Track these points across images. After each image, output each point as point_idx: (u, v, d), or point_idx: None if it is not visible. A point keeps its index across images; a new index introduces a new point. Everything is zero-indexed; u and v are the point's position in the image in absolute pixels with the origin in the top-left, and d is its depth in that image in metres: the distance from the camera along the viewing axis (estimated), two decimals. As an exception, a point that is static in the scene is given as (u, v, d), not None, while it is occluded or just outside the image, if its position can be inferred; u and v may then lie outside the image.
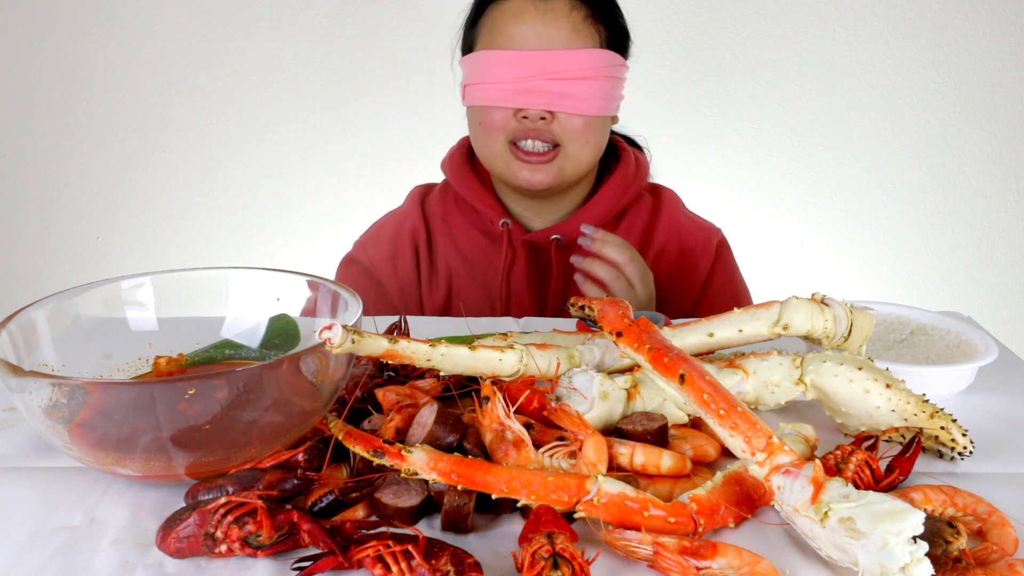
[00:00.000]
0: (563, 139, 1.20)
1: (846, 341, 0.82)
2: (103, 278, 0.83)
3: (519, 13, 1.17)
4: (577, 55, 1.15)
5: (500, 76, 1.17)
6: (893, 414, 0.76)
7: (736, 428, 0.64)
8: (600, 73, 1.17)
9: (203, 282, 0.87)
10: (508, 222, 1.30)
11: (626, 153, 1.35)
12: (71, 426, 0.65)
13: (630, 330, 0.76)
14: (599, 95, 1.18)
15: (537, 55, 1.15)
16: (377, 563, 0.58)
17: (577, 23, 1.17)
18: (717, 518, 0.64)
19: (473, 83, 1.21)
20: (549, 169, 1.21)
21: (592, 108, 1.18)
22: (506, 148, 1.21)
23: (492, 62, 1.17)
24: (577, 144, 1.21)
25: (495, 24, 1.19)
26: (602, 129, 1.24)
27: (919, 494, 0.67)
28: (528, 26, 1.16)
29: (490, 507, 0.66)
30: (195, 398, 0.63)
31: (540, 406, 0.75)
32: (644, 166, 1.37)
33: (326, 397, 0.72)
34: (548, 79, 1.15)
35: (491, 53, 1.18)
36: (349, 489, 0.65)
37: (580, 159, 1.23)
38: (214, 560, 0.62)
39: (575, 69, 1.15)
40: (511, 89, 1.16)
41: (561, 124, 1.19)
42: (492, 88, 1.17)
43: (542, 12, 1.16)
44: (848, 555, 0.57)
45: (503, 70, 1.16)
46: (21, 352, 0.73)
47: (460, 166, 1.33)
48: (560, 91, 1.15)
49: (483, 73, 1.19)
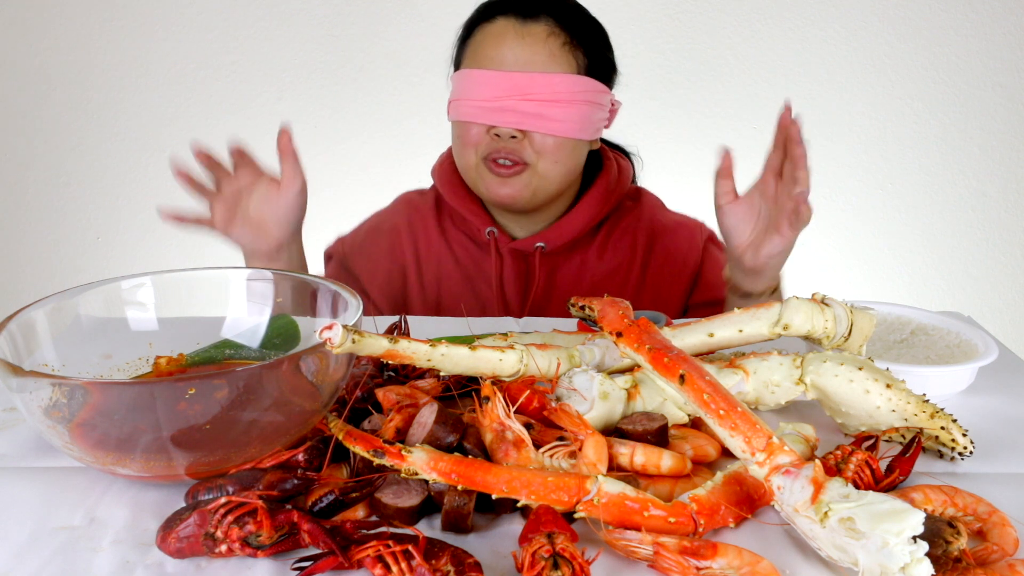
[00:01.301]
0: (533, 158, 1.24)
1: (846, 341, 0.82)
2: (103, 278, 0.83)
3: (500, 36, 1.22)
4: (552, 79, 1.20)
5: (478, 94, 1.22)
6: (893, 414, 0.76)
7: (736, 428, 0.64)
8: (575, 97, 1.21)
9: (203, 282, 0.87)
10: (494, 230, 1.34)
11: (609, 162, 1.38)
12: (71, 426, 0.65)
13: (630, 330, 0.76)
14: (573, 118, 1.22)
15: (513, 76, 1.20)
16: (377, 563, 0.58)
17: (554, 49, 1.21)
18: (717, 518, 0.64)
19: (455, 99, 1.26)
20: (515, 183, 1.25)
21: (564, 130, 1.22)
22: (480, 163, 1.26)
23: (472, 80, 1.22)
24: (547, 163, 1.24)
25: (479, 45, 1.24)
26: (575, 151, 1.27)
27: (919, 494, 0.67)
28: (507, 48, 1.21)
29: (490, 507, 0.66)
30: (195, 398, 0.62)
31: (540, 406, 0.75)
32: (626, 173, 1.40)
33: (326, 397, 0.72)
34: (522, 99, 1.20)
35: (472, 72, 1.23)
36: (349, 489, 0.65)
37: (549, 178, 1.26)
38: (214, 560, 0.62)
39: (549, 92, 1.20)
40: (486, 107, 1.21)
41: (533, 143, 1.23)
42: (470, 105, 1.22)
43: (521, 36, 1.21)
44: (848, 555, 0.57)
45: (481, 88, 1.21)
46: (21, 352, 0.73)
47: (449, 175, 1.37)
48: (533, 111, 1.20)
49: (464, 90, 1.24)
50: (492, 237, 1.34)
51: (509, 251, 1.35)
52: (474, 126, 1.23)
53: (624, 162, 1.41)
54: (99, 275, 0.91)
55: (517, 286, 1.36)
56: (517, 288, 1.36)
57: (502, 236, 1.35)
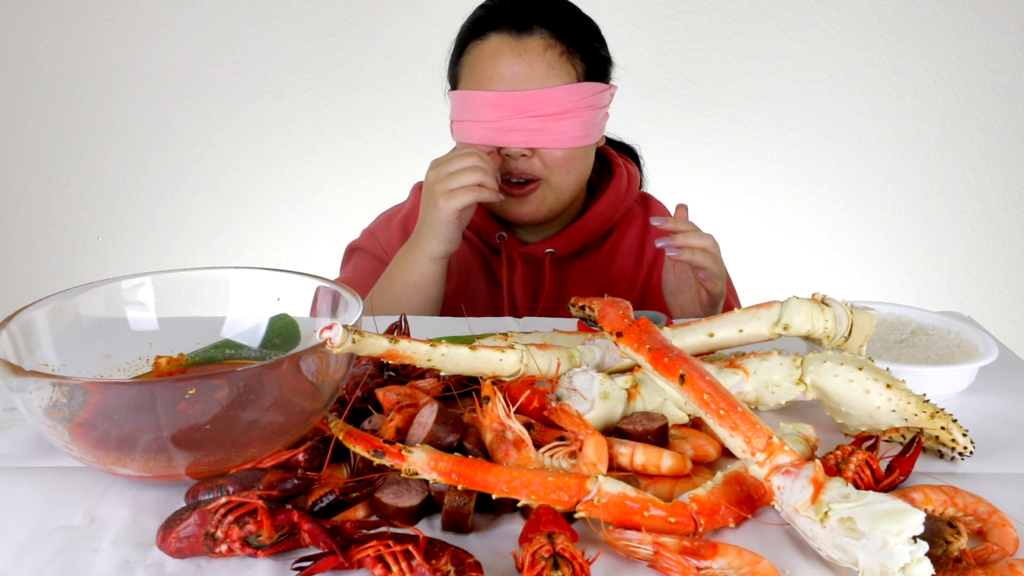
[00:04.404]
0: (544, 173, 1.24)
1: (846, 341, 0.82)
2: (103, 278, 0.83)
3: (495, 53, 1.20)
4: (554, 92, 1.19)
5: (481, 115, 1.21)
6: (893, 414, 0.76)
7: (736, 428, 0.64)
8: (579, 105, 1.21)
9: (203, 282, 0.87)
10: (504, 235, 1.34)
11: (619, 169, 1.38)
12: (71, 426, 0.65)
13: (630, 330, 0.76)
14: (579, 127, 1.21)
15: (515, 95, 1.18)
16: (377, 563, 0.58)
17: (552, 61, 1.20)
18: (717, 518, 0.64)
19: (458, 120, 1.25)
20: (532, 201, 1.25)
21: (572, 140, 1.21)
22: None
23: (474, 102, 1.21)
24: (559, 176, 1.24)
25: (475, 64, 1.23)
26: (584, 158, 1.27)
27: (919, 494, 0.67)
28: (505, 66, 1.19)
29: (490, 507, 0.66)
30: (195, 398, 0.63)
31: (540, 406, 0.75)
32: (635, 179, 1.40)
33: (326, 397, 0.72)
34: (527, 117, 1.19)
35: (473, 93, 1.22)
36: (349, 489, 0.65)
37: (563, 189, 1.26)
38: (214, 560, 0.62)
39: (553, 106, 1.19)
40: (492, 128, 1.20)
41: (543, 158, 1.23)
42: (475, 127, 1.22)
43: (517, 52, 1.19)
44: (848, 555, 0.57)
45: (484, 110, 1.20)
46: (21, 352, 0.73)
47: None
48: (540, 128, 1.19)
49: (466, 111, 1.23)
50: (503, 242, 1.34)
51: (520, 256, 1.35)
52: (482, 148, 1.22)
53: (633, 168, 1.41)
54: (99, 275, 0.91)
55: (527, 291, 1.36)
56: (527, 293, 1.36)
57: (512, 241, 1.35)
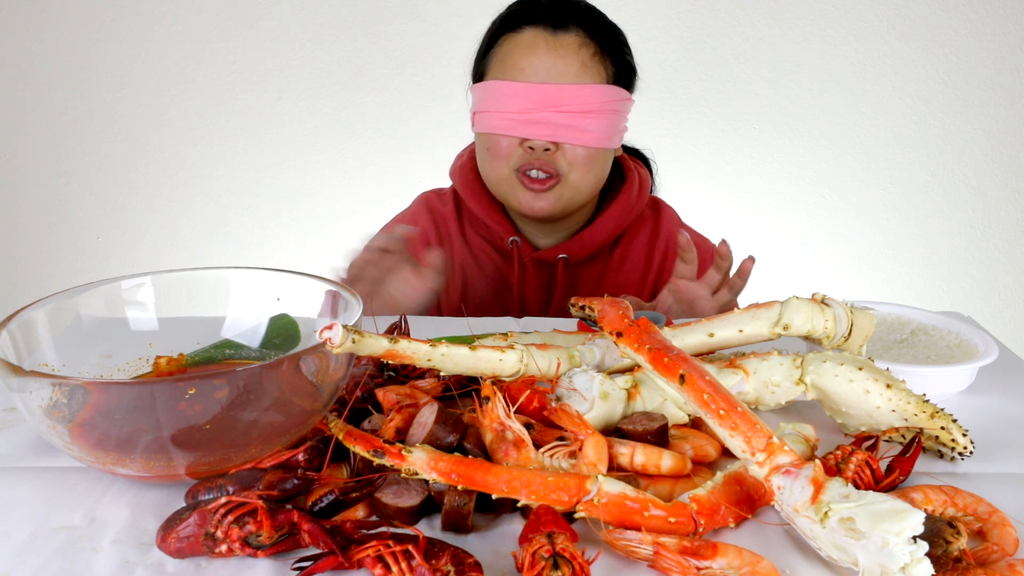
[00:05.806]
0: (566, 169, 1.24)
1: (846, 341, 0.82)
2: (103, 278, 0.83)
3: (530, 46, 1.21)
4: (584, 90, 1.19)
5: (509, 106, 1.20)
6: (893, 414, 0.76)
7: (736, 428, 0.64)
8: (605, 107, 1.21)
9: (203, 282, 0.87)
10: (517, 240, 1.34)
11: (631, 174, 1.38)
12: (71, 426, 0.65)
13: (630, 330, 0.76)
14: (603, 128, 1.22)
15: (545, 88, 1.18)
16: (377, 563, 0.58)
17: (586, 59, 1.20)
18: (717, 518, 0.64)
19: (482, 111, 1.24)
20: (549, 196, 1.25)
21: (596, 140, 1.22)
22: (512, 175, 1.25)
23: (502, 92, 1.21)
24: (579, 174, 1.24)
25: (507, 55, 1.23)
26: (604, 160, 1.28)
27: (919, 494, 0.67)
28: (538, 60, 1.20)
29: (490, 507, 0.66)
30: (195, 398, 0.62)
31: (540, 406, 0.75)
32: (646, 185, 1.40)
33: (326, 397, 0.72)
34: (555, 111, 1.19)
35: (501, 83, 1.21)
36: (349, 489, 0.65)
37: (580, 188, 1.26)
38: (214, 560, 0.62)
39: (581, 103, 1.19)
40: (519, 119, 1.20)
41: (565, 155, 1.23)
42: (500, 117, 1.21)
43: (553, 47, 1.20)
44: (848, 555, 0.57)
45: (512, 100, 1.20)
46: (21, 352, 0.73)
47: (471, 181, 1.36)
48: (566, 123, 1.19)
49: (492, 102, 1.22)
50: (515, 246, 1.34)
51: (532, 261, 1.34)
52: (505, 138, 1.22)
53: (644, 173, 1.41)
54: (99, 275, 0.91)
55: (539, 295, 1.36)
56: (539, 297, 1.36)
57: (525, 245, 1.34)
